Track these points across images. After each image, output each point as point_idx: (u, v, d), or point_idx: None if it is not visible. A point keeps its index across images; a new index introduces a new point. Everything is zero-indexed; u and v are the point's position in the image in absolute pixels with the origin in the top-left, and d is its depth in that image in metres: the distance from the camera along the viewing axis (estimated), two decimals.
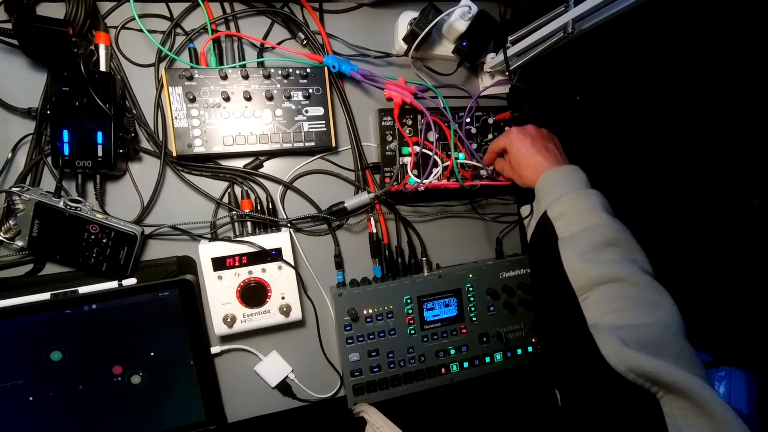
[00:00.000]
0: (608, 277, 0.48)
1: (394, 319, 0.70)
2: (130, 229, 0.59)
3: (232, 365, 0.68)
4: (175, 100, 0.61)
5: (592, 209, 0.54)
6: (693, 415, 0.37)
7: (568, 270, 0.51)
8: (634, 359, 0.40)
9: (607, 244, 0.51)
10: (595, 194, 0.56)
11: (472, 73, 0.78)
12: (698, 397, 0.37)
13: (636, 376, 0.40)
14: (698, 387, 0.37)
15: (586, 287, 0.49)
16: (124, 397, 0.60)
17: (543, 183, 0.59)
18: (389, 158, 0.70)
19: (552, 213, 0.56)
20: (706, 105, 0.64)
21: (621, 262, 0.50)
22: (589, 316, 0.48)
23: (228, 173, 0.66)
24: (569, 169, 0.59)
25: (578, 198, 0.55)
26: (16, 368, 0.57)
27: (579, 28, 0.55)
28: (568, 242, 0.53)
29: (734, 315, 0.70)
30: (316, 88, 0.66)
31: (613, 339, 0.43)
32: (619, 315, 0.46)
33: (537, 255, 0.60)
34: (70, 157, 0.57)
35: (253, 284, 0.64)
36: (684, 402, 0.38)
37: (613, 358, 0.42)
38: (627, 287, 0.48)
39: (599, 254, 0.50)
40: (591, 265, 0.49)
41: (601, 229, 0.52)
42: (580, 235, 0.52)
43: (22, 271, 0.60)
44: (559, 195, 0.56)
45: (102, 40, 0.59)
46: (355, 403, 0.69)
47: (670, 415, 0.38)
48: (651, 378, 0.40)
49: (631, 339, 0.43)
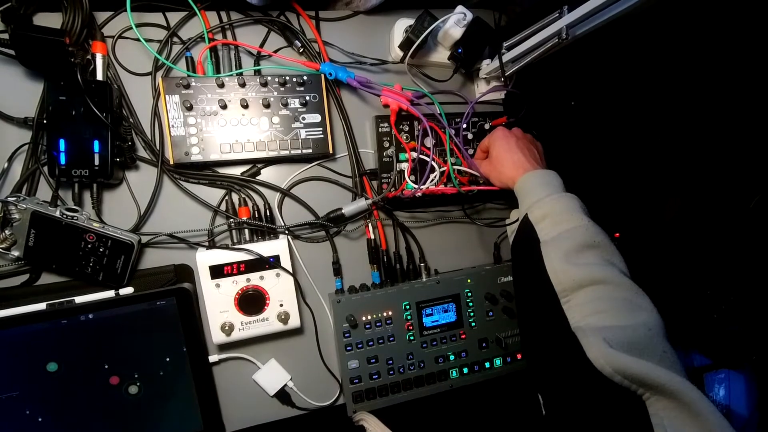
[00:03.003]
0: (591, 279, 0.48)
1: (393, 325, 0.70)
2: (126, 237, 0.59)
3: (230, 374, 0.68)
4: (172, 109, 0.61)
5: (573, 212, 0.54)
6: (679, 416, 0.37)
7: (550, 272, 0.51)
8: (621, 361, 0.40)
9: (589, 247, 0.51)
10: (574, 197, 0.56)
11: (468, 79, 0.79)
12: (686, 398, 0.37)
13: (622, 378, 0.40)
14: (686, 388, 0.37)
15: (569, 289, 0.49)
16: (122, 407, 0.60)
17: (523, 184, 0.60)
18: (386, 164, 0.71)
19: (533, 216, 0.56)
20: (701, 107, 0.65)
21: (602, 264, 0.50)
22: (572, 319, 0.48)
23: (225, 181, 0.66)
24: (549, 173, 0.60)
25: (559, 200, 0.55)
26: (11, 379, 0.56)
27: (573, 34, 0.55)
28: (550, 244, 0.53)
29: (732, 317, 0.70)
30: (313, 95, 0.66)
31: (598, 341, 0.43)
32: (603, 317, 0.46)
33: (519, 258, 0.60)
34: (66, 166, 0.57)
35: (251, 292, 0.64)
36: (670, 402, 0.38)
37: (600, 361, 0.42)
38: (609, 289, 0.48)
39: (581, 257, 0.51)
40: (574, 267, 0.50)
41: (583, 231, 0.52)
42: (563, 237, 0.52)
43: (18, 282, 0.60)
44: (540, 197, 0.56)
45: (99, 50, 0.60)
46: (355, 411, 0.68)
47: (656, 415, 0.38)
48: (638, 380, 0.39)
49: (616, 341, 0.43)
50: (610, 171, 0.75)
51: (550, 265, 0.51)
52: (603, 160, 0.76)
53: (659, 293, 0.50)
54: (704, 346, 0.80)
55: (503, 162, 0.63)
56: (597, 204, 0.59)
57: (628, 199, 0.75)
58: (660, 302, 0.49)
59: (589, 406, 0.44)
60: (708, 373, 0.86)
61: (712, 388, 0.86)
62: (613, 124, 0.75)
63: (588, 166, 0.76)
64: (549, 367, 0.51)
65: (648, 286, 0.50)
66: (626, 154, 0.75)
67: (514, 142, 0.63)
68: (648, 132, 0.72)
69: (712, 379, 0.88)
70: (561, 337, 0.48)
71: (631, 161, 0.75)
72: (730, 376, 0.87)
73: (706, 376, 0.86)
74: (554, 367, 0.50)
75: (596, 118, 0.76)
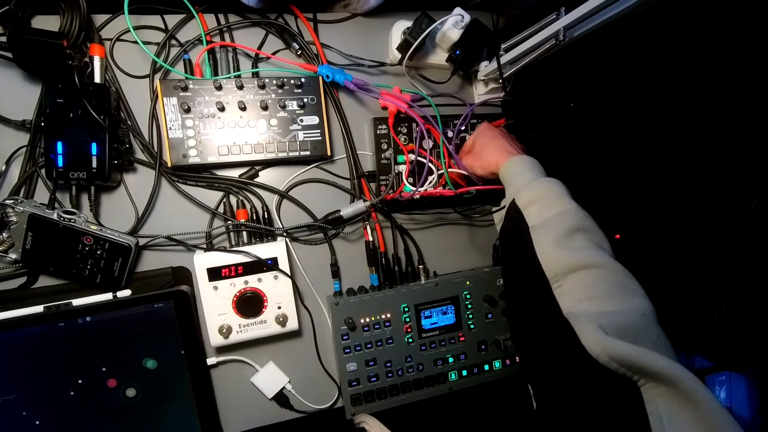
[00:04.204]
0: (583, 264, 0.47)
1: (392, 327, 0.70)
2: (124, 240, 0.59)
3: (228, 377, 0.67)
4: (169, 111, 0.61)
5: (560, 196, 0.54)
6: (675, 402, 0.36)
7: (541, 257, 0.50)
8: (617, 348, 0.39)
9: (579, 230, 0.50)
10: (558, 182, 0.56)
11: (466, 81, 0.79)
12: (683, 385, 0.36)
13: (618, 365, 0.39)
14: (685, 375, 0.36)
15: (561, 274, 0.48)
16: (119, 410, 0.60)
17: (508, 169, 0.59)
18: (384, 166, 0.70)
19: (521, 201, 0.55)
20: (700, 108, 0.65)
21: (592, 248, 0.49)
22: (563, 304, 0.47)
23: (223, 183, 0.66)
24: (532, 160, 0.60)
25: (546, 185, 0.55)
26: (9, 382, 0.56)
27: (570, 35, 0.55)
28: (540, 229, 0.52)
29: (733, 319, 0.70)
30: (311, 97, 0.66)
31: (593, 327, 0.41)
32: (596, 302, 0.45)
33: (507, 244, 0.59)
34: (64, 169, 0.57)
35: (249, 294, 0.63)
36: (667, 389, 0.37)
37: (596, 348, 0.40)
38: (602, 273, 0.47)
39: (571, 241, 0.50)
40: (565, 251, 0.48)
41: (572, 215, 0.51)
42: (552, 221, 0.52)
43: (16, 284, 0.60)
44: (527, 182, 0.56)
45: (97, 52, 0.60)
46: (353, 414, 0.68)
47: (652, 402, 0.37)
48: (634, 367, 0.38)
49: (611, 327, 0.42)
50: (610, 172, 0.75)
51: (540, 250, 0.50)
52: (603, 162, 0.75)
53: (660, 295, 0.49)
54: (705, 348, 0.80)
55: (488, 149, 0.64)
56: (597, 206, 0.58)
57: (628, 200, 0.74)
58: (661, 304, 0.48)
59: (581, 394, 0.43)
60: (709, 375, 0.86)
61: (713, 391, 0.85)
62: (613, 125, 0.75)
63: (588, 168, 0.75)
64: (540, 355, 0.49)
65: (649, 288, 0.49)
66: (626, 156, 0.75)
67: (498, 133, 0.65)
68: (648, 133, 0.72)
69: (713, 381, 0.87)
70: (552, 323, 0.46)
71: (631, 163, 0.74)
72: (732, 379, 0.87)
73: (708, 379, 0.86)
74: (546, 355, 0.48)
75: (595, 119, 0.76)
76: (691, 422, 0.35)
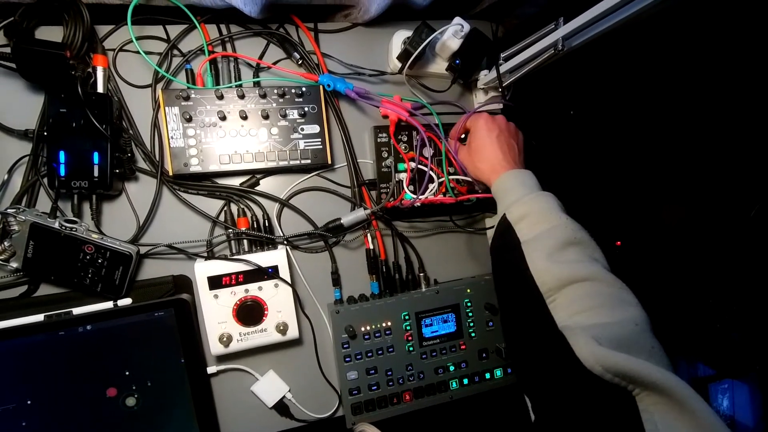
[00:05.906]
0: (576, 277, 0.47)
1: (393, 336, 0.69)
2: (125, 248, 0.59)
3: (229, 385, 0.67)
4: (171, 120, 0.62)
5: (551, 210, 0.54)
6: (670, 411, 0.37)
7: (534, 272, 0.50)
8: (611, 359, 0.40)
9: (571, 244, 0.51)
10: (551, 196, 0.56)
11: (466, 89, 0.79)
12: (678, 395, 0.36)
13: (613, 375, 0.39)
14: (679, 385, 0.37)
15: (554, 288, 0.48)
16: (119, 419, 0.59)
17: (501, 184, 0.59)
18: (385, 174, 0.71)
19: (512, 216, 0.55)
20: (700, 116, 0.65)
21: (585, 261, 0.49)
22: (558, 318, 0.47)
23: (224, 191, 0.67)
24: (525, 173, 0.59)
25: (537, 199, 0.55)
26: (8, 391, 0.56)
27: (569, 45, 0.56)
28: (531, 244, 0.52)
29: (735, 326, 0.70)
30: (312, 106, 0.67)
31: (586, 339, 0.42)
32: (590, 314, 0.45)
33: (499, 260, 0.59)
34: (66, 178, 0.57)
35: (250, 303, 0.63)
36: (661, 398, 0.37)
37: (590, 360, 0.41)
38: (595, 286, 0.47)
39: (564, 254, 0.50)
40: (557, 265, 0.49)
41: (563, 229, 0.51)
42: (543, 236, 0.52)
43: (17, 293, 0.60)
44: (518, 197, 0.56)
45: (100, 63, 0.60)
46: (354, 423, 0.68)
47: (647, 411, 0.38)
48: (629, 377, 0.39)
49: (605, 338, 0.42)
50: (610, 180, 0.75)
51: (532, 265, 0.50)
52: (603, 169, 0.76)
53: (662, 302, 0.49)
54: (707, 356, 0.80)
55: (481, 156, 0.62)
56: (598, 213, 0.58)
57: (629, 207, 0.75)
58: (663, 312, 0.48)
59: (578, 405, 0.43)
60: (712, 383, 0.85)
61: (716, 399, 0.85)
62: (613, 132, 0.75)
63: (589, 175, 0.76)
64: (537, 369, 0.50)
65: (650, 296, 0.49)
66: (626, 163, 0.75)
67: (495, 136, 0.62)
68: (648, 140, 0.72)
69: (715, 389, 0.86)
70: (548, 337, 0.47)
71: (632, 170, 0.75)
72: (734, 386, 0.86)
73: (710, 387, 0.85)
74: (542, 368, 0.49)
75: (595, 127, 0.77)
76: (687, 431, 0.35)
